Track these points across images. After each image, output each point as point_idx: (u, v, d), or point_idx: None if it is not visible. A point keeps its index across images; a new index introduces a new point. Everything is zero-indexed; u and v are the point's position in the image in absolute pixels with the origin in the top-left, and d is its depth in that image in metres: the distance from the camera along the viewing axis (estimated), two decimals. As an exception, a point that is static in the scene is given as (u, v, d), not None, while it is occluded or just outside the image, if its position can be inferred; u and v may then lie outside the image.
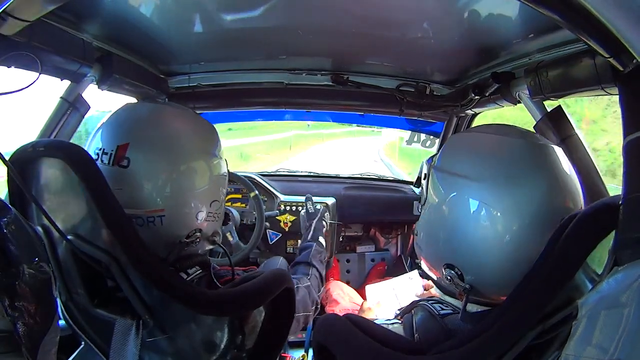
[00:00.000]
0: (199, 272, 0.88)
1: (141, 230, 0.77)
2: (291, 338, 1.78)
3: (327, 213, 1.78)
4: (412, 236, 2.21)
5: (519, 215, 0.66)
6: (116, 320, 0.80)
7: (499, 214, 0.66)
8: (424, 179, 0.83)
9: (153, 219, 0.80)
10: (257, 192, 1.80)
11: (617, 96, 0.59)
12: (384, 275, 2.24)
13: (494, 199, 0.67)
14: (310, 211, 1.72)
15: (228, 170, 0.96)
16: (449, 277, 0.74)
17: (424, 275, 0.86)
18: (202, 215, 0.86)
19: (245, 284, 0.82)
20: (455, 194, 0.71)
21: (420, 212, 0.84)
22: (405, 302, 1.13)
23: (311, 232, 1.53)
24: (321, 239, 1.49)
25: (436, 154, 0.82)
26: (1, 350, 0.56)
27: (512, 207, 0.66)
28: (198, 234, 0.86)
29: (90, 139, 0.85)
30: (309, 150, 14.83)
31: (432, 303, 0.78)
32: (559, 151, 0.73)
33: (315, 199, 2.05)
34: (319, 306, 1.26)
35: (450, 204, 0.72)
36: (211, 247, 0.94)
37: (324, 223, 1.65)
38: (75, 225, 0.78)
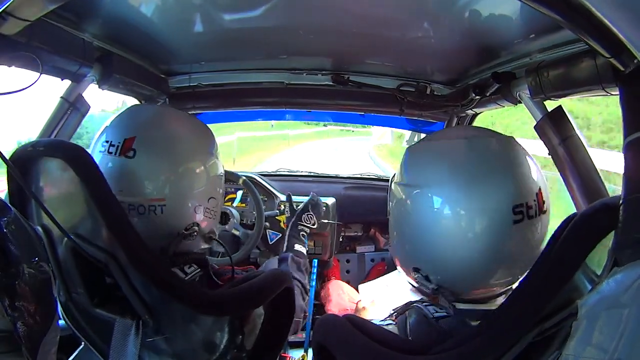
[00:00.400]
0: (197, 270, 0.88)
1: (141, 219, 0.82)
2: (291, 338, 1.78)
3: (313, 210, 1.55)
4: None
5: (464, 212, 0.68)
6: (116, 320, 0.80)
7: (455, 215, 0.69)
8: (388, 192, 0.86)
9: (154, 208, 0.84)
10: (245, 179, 1.73)
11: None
12: (383, 275, 2.24)
13: (438, 201, 0.70)
14: (286, 215, 1.66)
15: (225, 170, 0.98)
16: (417, 280, 0.77)
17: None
18: (200, 209, 0.90)
19: (246, 283, 0.82)
20: (412, 203, 0.75)
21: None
22: (400, 298, 1.13)
23: (285, 242, 1.45)
24: (297, 247, 1.42)
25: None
26: (1, 350, 0.56)
27: (455, 205, 0.69)
28: (196, 227, 0.89)
29: (97, 138, 0.88)
30: (272, 159, 10.09)
31: (426, 305, 0.77)
32: (505, 144, 0.75)
33: None
34: (307, 314, 1.25)
35: (409, 213, 0.75)
36: (207, 245, 0.96)
37: (304, 226, 1.52)
38: (75, 225, 0.78)
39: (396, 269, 0.85)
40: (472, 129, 0.79)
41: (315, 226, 1.54)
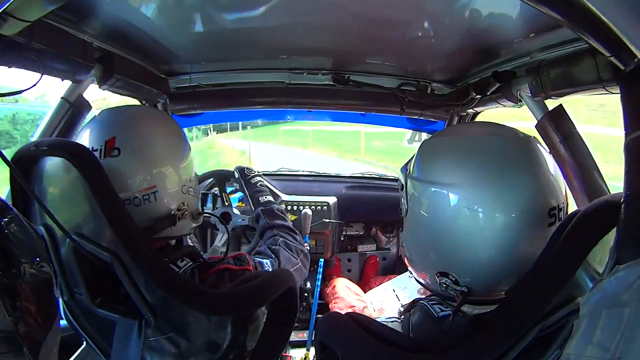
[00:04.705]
0: (189, 264, 0.89)
1: (139, 210, 0.85)
2: (293, 338, 1.78)
3: (248, 169, 1.66)
4: None
5: (505, 214, 0.66)
6: (118, 319, 0.80)
7: (485, 216, 0.66)
8: (402, 189, 0.82)
9: (148, 197, 0.88)
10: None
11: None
12: (377, 269, 2.26)
13: (479, 203, 0.67)
14: (235, 186, 1.73)
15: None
16: (444, 285, 0.73)
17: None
18: (185, 188, 0.96)
19: (250, 282, 0.82)
20: (437, 203, 0.71)
21: (403, 222, 0.83)
22: (408, 301, 1.12)
23: (250, 200, 1.52)
24: (262, 198, 1.49)
25: (410, 162, 0.81)
26: (2, 350, 0.56)
27: (496, 207, 0.66)
28: (186, 207, 0.95)
29: None
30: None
31: (433, 304, 0.77)
32: (533, 143, 0.73)
33: (316, 198, 2.05)
34: (306, 252, 1.32)
35: (435, 214, 0.71)
36: (195, 224, 1.01)
37: (256, 180, 1.59)
38: (78, 225, 0.78)
39: (399, 269, 0.84)
40: (497, 126, 0.77)
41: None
